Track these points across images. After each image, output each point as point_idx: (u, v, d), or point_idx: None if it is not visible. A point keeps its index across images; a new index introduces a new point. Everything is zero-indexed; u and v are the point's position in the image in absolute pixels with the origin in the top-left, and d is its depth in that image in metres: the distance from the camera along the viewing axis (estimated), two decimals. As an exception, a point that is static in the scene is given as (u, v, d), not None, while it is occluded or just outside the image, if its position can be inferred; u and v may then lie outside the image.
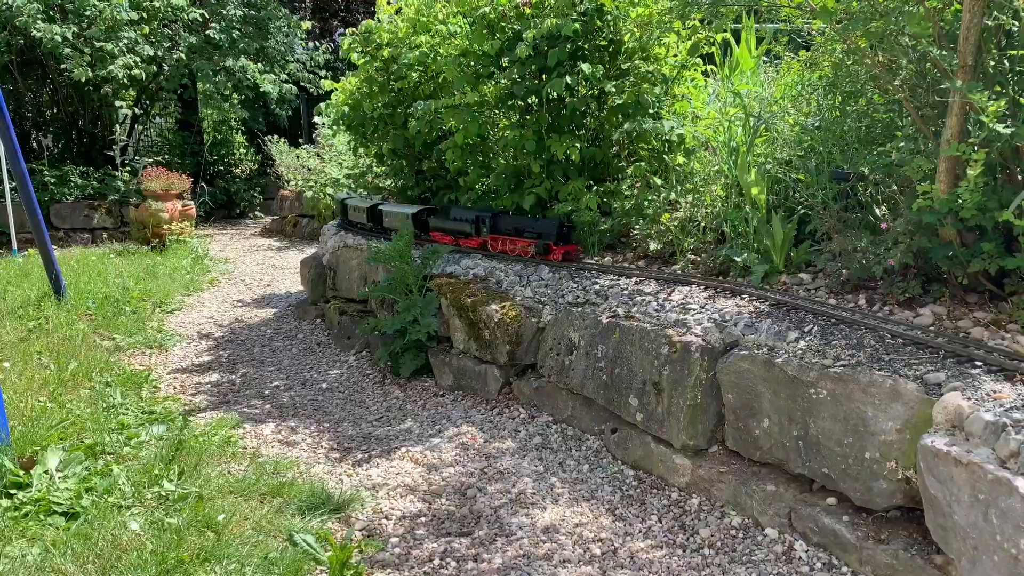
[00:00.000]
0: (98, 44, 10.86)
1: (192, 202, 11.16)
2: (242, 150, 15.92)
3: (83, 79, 10.65)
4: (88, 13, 10.78)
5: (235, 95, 13.34)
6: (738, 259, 4.16)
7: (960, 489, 2.37)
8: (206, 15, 12.42)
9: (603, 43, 5.30)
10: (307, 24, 13.02)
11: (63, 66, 10.85)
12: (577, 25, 4.93)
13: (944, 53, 3.03)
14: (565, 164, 5.35)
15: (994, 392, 2.56)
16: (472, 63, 5.63)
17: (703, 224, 4.62)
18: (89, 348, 5.51)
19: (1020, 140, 2.85)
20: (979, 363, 2.77)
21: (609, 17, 5.20)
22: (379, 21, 6.57)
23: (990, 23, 3.01)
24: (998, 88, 3.08)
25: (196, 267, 9.30)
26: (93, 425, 4.10)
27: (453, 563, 3.00)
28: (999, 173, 3.18)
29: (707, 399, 3.45)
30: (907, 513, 2.82)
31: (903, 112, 3.58)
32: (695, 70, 5.59)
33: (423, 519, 3.35)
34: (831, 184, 3.90)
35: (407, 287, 5.22)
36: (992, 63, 3.16)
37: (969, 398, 2.54)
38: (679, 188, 4.99)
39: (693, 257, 4.50)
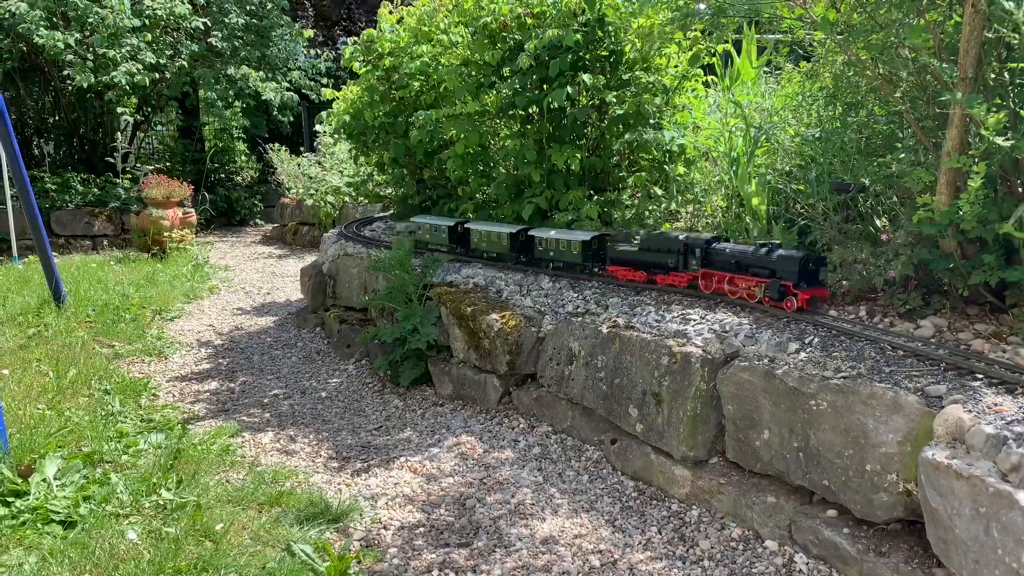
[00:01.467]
0: (100, 51, 10.89)
1: (193, 209, 11.16)
2: (243, 158, 15.95)
3: (85, 84, 10.67)
4: (91, 20, 10.81)
5: (237, 103, 13.38)
6: (738, 270, 4.15)
7: (961, 502, 2.36)
8: (208, 23, 12.46)
9: (604, 54, 5.31)
10: (309, 32, 13.05)
11: (65, 72, 10.87)
12: (578, 36, 4.95)
13: (944, 65, 3.04)
14: (565, 174, 5.36)
15: (995, 405, 2.55)
16: (473, 73, 5.65)
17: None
18: (88, 355, 5.50)
19: (1020, 152, 2.85)
20: (980, 376, 2.76)
21: (610, 28, 5.21)
22: (381, 30, 6.59)
23: (991, 35, 3.02)
24: (998, 100, 3.08)
25: (196, 275, 9.30)
26: (92, 433, 4.09)
27: (452, 574, 2.99)
28: (999, 185, 3.18)
29: (707, 410, 3.44)
30: (908, 526, 2.81)
31: (904, 124, 3.58)
32: (696, 80, 5.60)
33: (422, 529, 3.34)
34: (831, 195, 3.91)
35: (407, 296, 5.22)
36: (993, 75, 3.16)
37: (970, 411, 2.53)
38: (680, 198, 5.00)
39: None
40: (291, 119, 14.11)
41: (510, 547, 3.17)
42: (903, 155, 3.47)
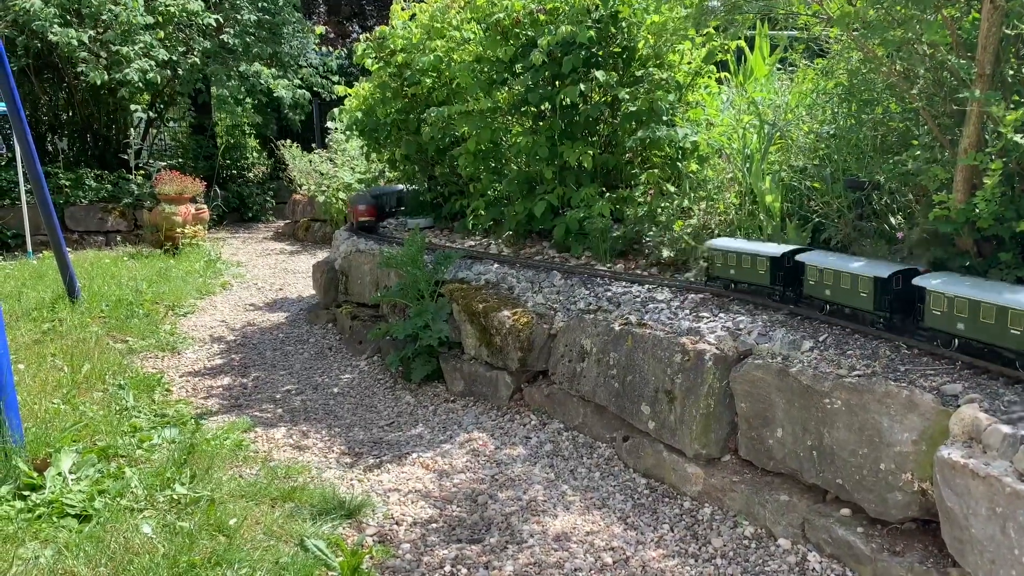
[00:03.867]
0: (114, 48, 10.94)
1: (205, 206, 11.20)
2: (255, 154, 15.99)
3: (98, 82, 10.73)
4: (104, 17, 10.86)
5: (248, 100, 13.42)
6: (752, 267, 4.13)
7: (977, 502, 2.34)
8: (220, 20, 12.50)
9: (617, 50, 5.30)
10: (320, 29, 13.07)
11: (79, 69, 10.93)
12: (592, 32, 4.93)
13: (962, 62, 3.02)
14: (577, 171, 5.35)
15: (1012, 404, 2.54)
16: (486, 69, 5.64)
17: (717, 232, 4.60)
18: (102, 351, 5.54)
19: (1039, 150, 2.83)
20: (996, 375, 2.74)
21: (624, 24, 5.20)
22: (393, 27, 6.60)
23: (1009, 32, 2.99)
24: (1016, 97, 3.06)
25: (209, 270, 9.34)
26: (106, 427, 4.12)
27: (464, 570, 2.99)
28: (1017, 183, 3.15)
29: (720, 408, 3.43)
30: (923, 525, 2.79)
31: (920, 121, 3.56)
32: (709, 77, 5.58)
33: (434, 525, 3.34)
34: (846, 192, 3.88)
35: (419, 292, 5.23)
36: (1011, 72, 3.14)
37: (986, 410, 2.51)
38: (692, 195, 4.98)
39: (706, 264, 4.48)
40: (301, 117, 14.14)
41: (522, 544, 3.17)
42: (919, 152, 3.44)
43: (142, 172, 12.43)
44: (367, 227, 7.00)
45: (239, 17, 12.83)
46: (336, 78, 14.65)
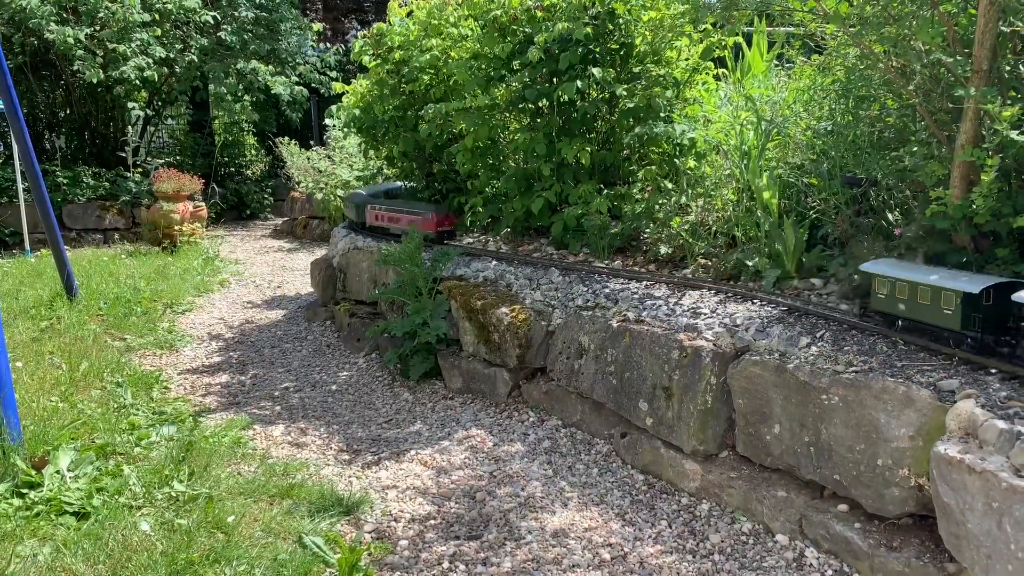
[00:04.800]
0: (111, 46, 10.92)
1: (203, 203, 11.18)
2: (253, 152, 15.96)
3: (95, 80, 10.71)
4: (101, 15, 10.84)
5: (246, 97, 13.39)
6: (749, 263, 4.14)
7: (973, 497, 2.35)
8: (218, 17, 12.48)
9: (614, 46, 5.29)
10: (318, 26, 13.05)
11: (76, 67, 10.91)
12: (589, 29, 4.93)
13: (958, 58, 3.02)
14: (575, 167, 5.35)
15: (1008, 399, 2.54)
16: (483, 66, 5.64)
17: (714, 228, 4.60)
18: (100, 348, 5.54)
19: (1035, 146, 2.83)
20: (993, 370, 2.75)
21: (621, 21, 5.20)
22: (390, 24, 6.59)
23: (1005, 28, 3.00)
24: (1013, 93, 3.06)
25: (207, 268, 9.33)
26: (104, 425, 4.12)
27: (462, 566, 3.00)
28: (1014, 179, 3.16)
29: (718, 404, 3.44)
30: (919, 520, 2.80)
31: (917, 117, 3.56)
32: (707, 74, 5.57)
33: (432, 522, 3.35)
34: (843, 189, 3.89)
35: (417, 289, 5.22)
36: (1008, 68, 3.14)
37: (983, 405, 2.52)
38: (690, 192, 4.98)
39: (704, 261, 4.49)
40: (299, 115, 14.12)
41: (520, 540, 3.18)
42: (916, 148, 3.45)
43: (140, 170, 12.41)
44: (449, 235, 6.06)
45: (236, 14, 12.80)
46: (334, 74, 14.62)
